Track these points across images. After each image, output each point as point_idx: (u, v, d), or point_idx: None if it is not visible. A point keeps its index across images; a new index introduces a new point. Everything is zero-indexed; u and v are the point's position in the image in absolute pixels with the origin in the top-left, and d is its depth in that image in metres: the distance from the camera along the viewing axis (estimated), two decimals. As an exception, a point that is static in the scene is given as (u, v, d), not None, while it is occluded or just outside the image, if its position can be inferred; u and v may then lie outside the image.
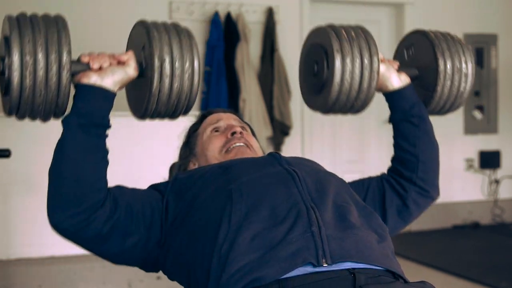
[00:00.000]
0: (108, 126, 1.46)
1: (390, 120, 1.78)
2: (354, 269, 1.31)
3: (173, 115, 1.55)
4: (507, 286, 3.98)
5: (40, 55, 1.36)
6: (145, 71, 1.49)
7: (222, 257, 1.32)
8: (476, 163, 6.20)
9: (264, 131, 5.23)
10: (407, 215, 1.75)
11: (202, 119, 1.84)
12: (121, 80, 1.48)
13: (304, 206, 1.40)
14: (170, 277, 1.52)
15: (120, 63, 1.49)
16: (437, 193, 1.77)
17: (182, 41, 1.49)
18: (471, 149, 6.19)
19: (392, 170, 1.78)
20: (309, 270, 1.29)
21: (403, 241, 5.08)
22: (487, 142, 6.23)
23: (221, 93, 5.17)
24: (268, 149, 5.12)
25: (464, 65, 1.74)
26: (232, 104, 5.18)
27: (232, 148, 1.71)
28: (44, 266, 4.48)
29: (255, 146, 1.77)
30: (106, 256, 1.51)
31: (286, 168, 1.53)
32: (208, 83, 5.19)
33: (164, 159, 2.15)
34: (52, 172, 1.43)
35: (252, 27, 5.36)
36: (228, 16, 5.30)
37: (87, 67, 1.46)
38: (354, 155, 5.96)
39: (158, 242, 1.49)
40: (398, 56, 1.88)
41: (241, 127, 1.78)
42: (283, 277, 1.27)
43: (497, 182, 6.18)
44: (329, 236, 1.34)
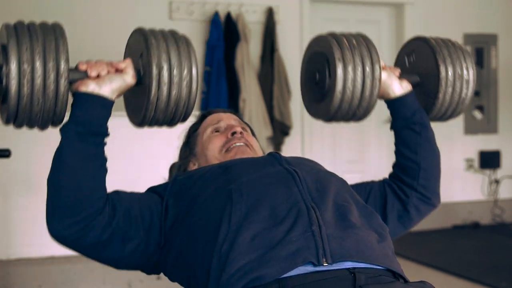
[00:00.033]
0: (107, 134, 1.46)
1: (392, 127, 1.79)
2: (355, 269, 1.31)
3: (172, 123, 1.55)
4: (507, 286, 3.98)
5: (38, 63, 1.35)
6: (143, 79, 1.49)
7: (222, 257, 1.32)
8: (476, 163, 6.20)
9: (264, 131, 5.23)
10: (408, 221, 1.76)
11: (202, 119, 1.84)
12: (119, 88, 1.48)
13: (305, 206, 1.40)
14: (171, 278, 1.52)
15: (118, 71, 1.49)
16: (438, 201, 1.78)
17: (180, 48, 1.49)
18: (471, 149, 6.19)
19: (394, 176, 1.78)
20: (309, 270, 1.29)
21: (403, 241, 5.04)
22: (487, 142, 6.23)
23: (221, 93, 5.16)
24: (268, 149, 5.12)
25: (466, 72, 1.74)
26: (232, 104, 5.17)
27: (232, 148, 1.71)
28: (44, 266, 4.48)
29: (255, 146, 1.77)
30: (107, 262, 1.51)
31: (286, 168, 1.53)
32: (208, 83, 5.18)
33: (164, 159, 2.15)
34: (51, 181, 1.42)
35: (252, 27, 5.35)
36: (228, 16, 5.30)
37: (85, 75, 1.46)
38: (354, 155, 5.95)
39: (158, 245, 1.49)
40: (399, 63, 1.88)
41: (242, 127, 1.78)
42: (283, 277, 1.27)
43: (497, 182, 6.18)
44: (330, 236, 1.34)
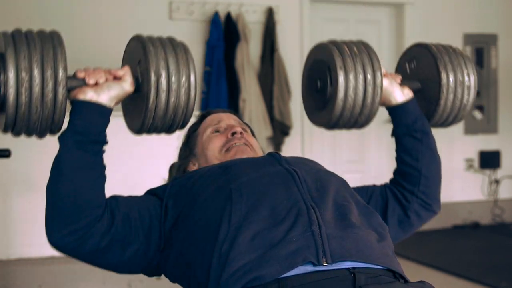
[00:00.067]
0: (105, 142, 1.46)
1: (393, 134, 1.79)
2: (354, 269, 1.31)
3: (170, 130, 1.55)
4: (507, 286, 3.98)
5: (36, 72, 1.35)
6: (142, 86, 1.48)
7: (222, 257, 1.33)
8: (476, 163, 6.20)
9: (264, 131, 5.23)
10: (408, 226, 1.76)
11: (202, 119, 1.84)
12: (117, 96, 1.48)
13: (304, 205, 1.40)
14: (171, 279, 1.52)
15: (116, 78, 1.49)
16: (439, 207, 1.79)
17: (178, 56, 1.48)
18: (471, 149, 6.19)
19: (394, 182, 1.79)
20: (309, 269, 1.29)
21: (403, 241, 5.04)
22: (487, 142, 6.23)
23: (221, 93, 5.16)
24: (268, 149, 5.11)
25: (467, 78, 1.75)
26: (232, 104, 5.17)
27: (232, 148, 1.71)
28: (44, 266, 4.48)
29: (255, 146, 1.77)
30: (108, 267, 1.51)
31: (286, 168, 1.53)
32: (208, 83, 5.18)
33: (164, 159, 2.15)
34: (50, 190, 1.42)
35: (252, 27, 5.35)
36: (228, 16, 5.29)
37: (83, 83, 1.46)
38: (354, 155, 5.95)
39: (158, 248, 1.49)
40: (400, 70, 1.88)
41: (242, 128, 1.78)
42: (283, 276, 1.27)
43: (497, 182, 6.18)
44: (330, 235, 1.34)
